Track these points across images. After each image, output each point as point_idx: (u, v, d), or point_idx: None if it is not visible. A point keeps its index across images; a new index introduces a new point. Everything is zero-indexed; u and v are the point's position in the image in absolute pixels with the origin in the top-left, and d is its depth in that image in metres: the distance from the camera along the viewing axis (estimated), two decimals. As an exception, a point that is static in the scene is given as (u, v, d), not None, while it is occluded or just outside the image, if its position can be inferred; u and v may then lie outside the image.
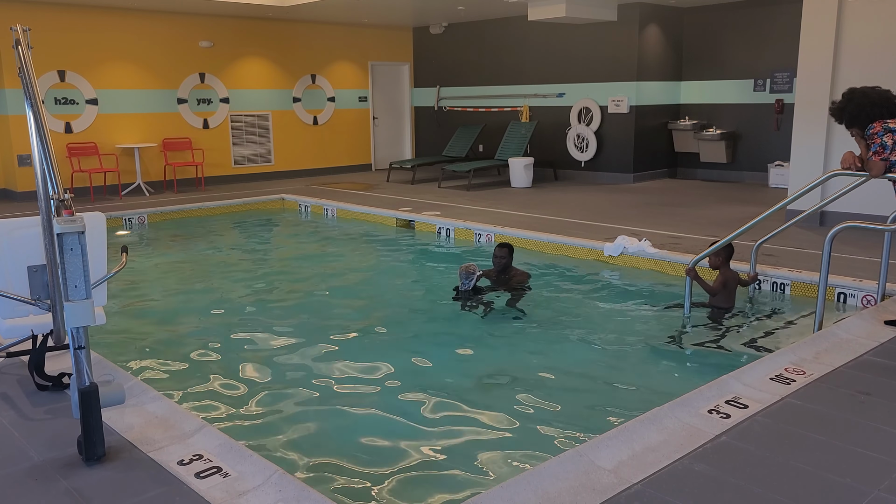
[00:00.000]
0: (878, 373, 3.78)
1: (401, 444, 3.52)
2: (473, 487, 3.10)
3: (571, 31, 12.40)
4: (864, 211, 7.06)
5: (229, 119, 12.98)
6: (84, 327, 2.77)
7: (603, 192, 11.03)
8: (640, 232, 7.57)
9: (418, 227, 8.99)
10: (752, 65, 11.65)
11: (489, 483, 3.08)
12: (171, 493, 2.63)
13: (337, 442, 3.56)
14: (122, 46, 11.64)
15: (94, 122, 11.50)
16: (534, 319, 5.50)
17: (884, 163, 4.34)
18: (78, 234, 2.65)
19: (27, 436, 3.11)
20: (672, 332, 5.18)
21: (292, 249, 8.56)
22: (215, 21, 12.52)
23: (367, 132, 14.90)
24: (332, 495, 2.62)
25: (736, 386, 3.56)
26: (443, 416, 3.85)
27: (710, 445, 2.97)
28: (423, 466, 3.30)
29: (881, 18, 7.56)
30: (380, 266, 7.56)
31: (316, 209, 10.50)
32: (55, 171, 2.86)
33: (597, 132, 12.34)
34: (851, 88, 4.55)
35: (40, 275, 3.46)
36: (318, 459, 3.38)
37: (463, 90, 14.45)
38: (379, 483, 3.17)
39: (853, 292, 5.51)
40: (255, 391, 4.19)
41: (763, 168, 11.58)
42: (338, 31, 14.08)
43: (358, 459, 3.37)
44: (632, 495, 2.59)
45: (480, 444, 3.53)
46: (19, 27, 3.25)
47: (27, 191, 10.72)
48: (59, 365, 3.79)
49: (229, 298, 6.26)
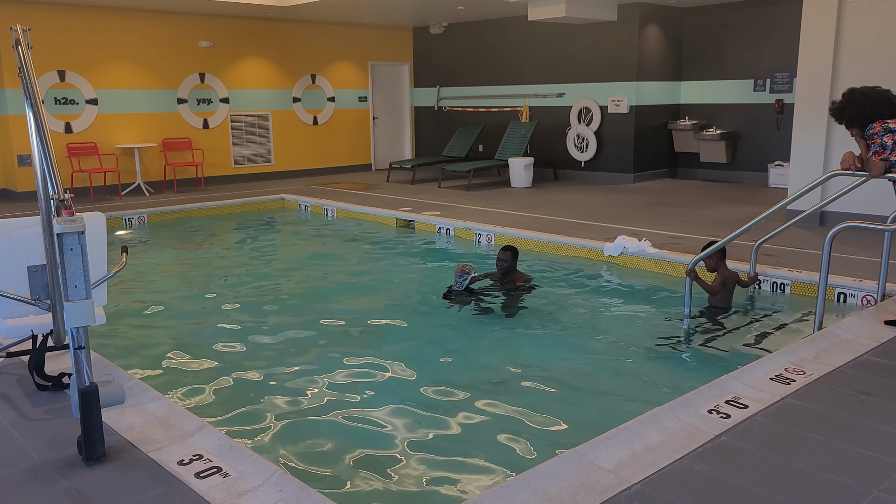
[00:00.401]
0: (878, 373, 3.78)
1: (401, 444, 3.52)
2: (473, 487, 3.10)
3: (571, 31, 12.40)
4: (864, 211, 7.05)
5: (229, 119, 12.98)
6: (84, 327, 2.77)
7: (603, 192, 11.03)
8: (640, 232, 7.57)
9: (418, 227, 8.99)
10: (752, 65, 11.65)
11: (489, 483, 3.08)
12: (171, 493, 2.63)
13: (337, 442, 3.56)
14: (122, 46, 11.64)
15: (94, 122, 11.50)
16: (534, 319, 5.50)
17: (884, 163, 4.34)
18: (78, 234, 2.65)
19: (27, 436, 3.11)
20: (672, 333, 5.18)
21: (292, 250, 8.56)
22: (215, 21, 12.52)
23: (367, 132, 14.90)
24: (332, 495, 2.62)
25: (736, 386, 3.56)
26: (443, 415, 3.85)
27: (710, 445, 2.97)
28: (424, 466, 3.31)
29: (881, 18, 7.57)
30: (380, 266, 7.56)
31: (316, 209, 10.50)
32: (55, 171, 2.86)
33: (597, 132, 12.35)
34: (851, 88, 4.55)
35: (40, 275, 3.46)
36: (318, 459, 3.38)
37: (463, 90, 14.45)
38: (379, 483, 3.17)
39: (853, 292, 5.51)
40: (255, 391, 4.19)
41: (763, 168, 11.58)
42: (338, 31, 14.08)
43: (358, 459, 3.37)
44: (632, 495, 2.59)
45: (480, 444, 3.53)
46: (19, 27, 3.25)
47: (27, 191, 10.72)
48: (59, 365, 3.79)
49: (229, 298, 6.26)
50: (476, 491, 3.00)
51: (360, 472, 3.24)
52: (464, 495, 2.98)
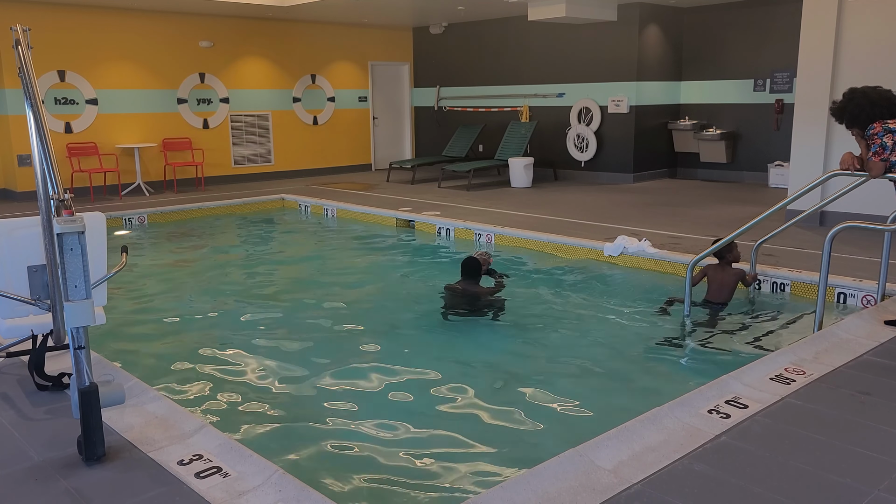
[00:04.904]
0: (878, 373, 3.78)
1: (401, 444, 3.52)
2: (473, 487, 3.10)
3: (571, 31, 12.39)
4: (864, 211, 7.05)
5: (229, 119, 12.98)
6: (84, 327, 2.77)
7: (603, 192, 11.03)
8: (640, 232, 7.57)
9: (418, 227, 8.99)
10: (752, 65, 11.65)
11: (489, 483, 3.08)
12: (171, 493, 2.63)
13: (337, 442, 3.56)
14: (122, 46, 11.64)
15: (94, 122, 11.50)
16: (534, 319, 5.50)
17: (883, 163, 4.34)
18: (78, 234, 2.65)
19: (27, 436, 3.11)
20: (672, 332, 5.18)
21: (292, 250, 8.55)
22: (215, 21, 12.52)
23: (367, 132, 14.90)
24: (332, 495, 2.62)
25: (736, 386, 3.56)
26: (443, 415, 3.85)
27: (709, 445, 2.97)
28: (424, 466, 3.31)
29: (881, 18, 7.56)
30: (380, 266, 7.55)
31: (316, 209, 10.50)
32: (55, 171, 2.86)
33: (597, 132, 12.34)
34: (852, 88, 4.55)
35: (40, 275, 3.46)
36: (318, 459, 3.38)
37: (463, 90, 14.44)
38: (379, 483, 3.17)
39: (853, 292, 5.51)
40: (256, 391, 4.19)
41: (763, 168, 11.58)
42: (338, 31, 14.08)
43: (358, 459, 3.37)
44: (632, 495, 2.59)
45: (480, 444, 3.53)
46: (19, 27, 3.25)
47: (27, 191, 10.72)
48: (59, 365, 3.79)
49: (229, 298, 6.26)
50: (476, 491, 3.00)
51: (360, 473, 3.24)
52: (464, 495, 2.98)
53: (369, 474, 3.23)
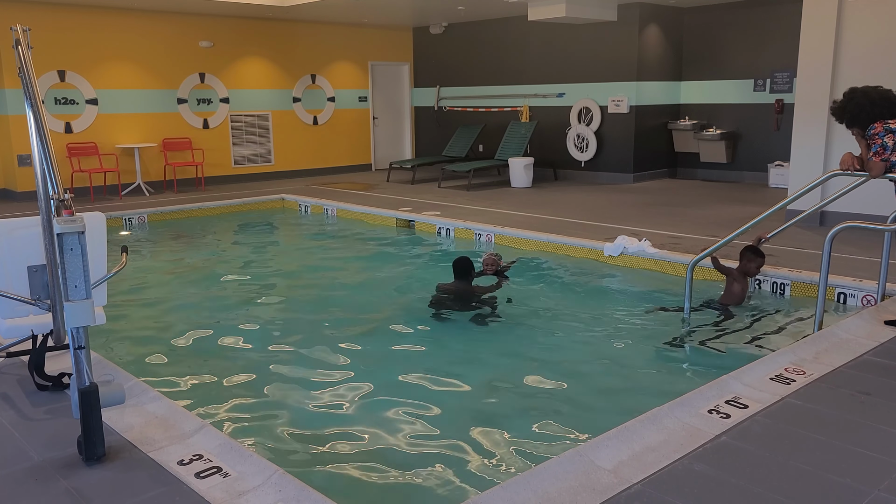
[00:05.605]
0: (878, 373, 3.78)
1: (401, 444, 3.52)
2: (473, 487, 3.10)
3: (571, 31, 12.39)
4: (864, 211, 7.05)
5: (229, 119, 12.98)
6: (84, 327, 2.77)
7: (603, 192, 11.03)
8: (640, 232, 7.57)
9: (418, 227, 8.99)
10: (752, 65, 11.65)
11: (489, 483, 3.08)
12: (171, 493, 2.63)
13: (337, 442, 3.56)
14: (122, 46, 11.64)
15: (94, 122, 11.50)
16: (533, 319, 5.50)
17: (884, 164, 4.34)
18: (78, 234, 2.65)
19: (27, 436, 3.11)
20: (672, 332, 5.18)
21: (292, 250, 8.56)
22: (215, 21, 12.52)
23: (367, 132, 14.90)
24: (332, 495, 2.62)
25: (736, 386, 3.56)
26: (443, 416, 3.85)
27: (710, 445, 2.97)
28: (424, 466, 3.30)
29: (881, 18, 7.56)
30: (380, 266, 7.55)
31: (316, 209, 10.50)
32: (55, 171, 2.86)
33: (597, 132, 12.34)
34: (852, 88, 4.54)
35: (40, 275, 3.46)
36: (319, 460, 3.38)
37: (463, 90, 14.45)
38: (379, 483, 3.17)
39: (853, 292, 5.51)
40: (256, 391, 4.19)
41: (763, 168, 11.58)
42: (338, 31, 14.08)
43: (358, 460, 3.37)
44: (632, 495, 2.59)
45: (480, 444, 3.53)
46: (19, 27, 3.25)
47: (27, 191, 10.72)
48: (59, 365, 3.79)
49: (229, 298, 6.26)
50: (476, 491, 3.00)
51: (360, 472, 3.24)
52: (464, 495, 2.98)
53: (369, 474, 3.23)
